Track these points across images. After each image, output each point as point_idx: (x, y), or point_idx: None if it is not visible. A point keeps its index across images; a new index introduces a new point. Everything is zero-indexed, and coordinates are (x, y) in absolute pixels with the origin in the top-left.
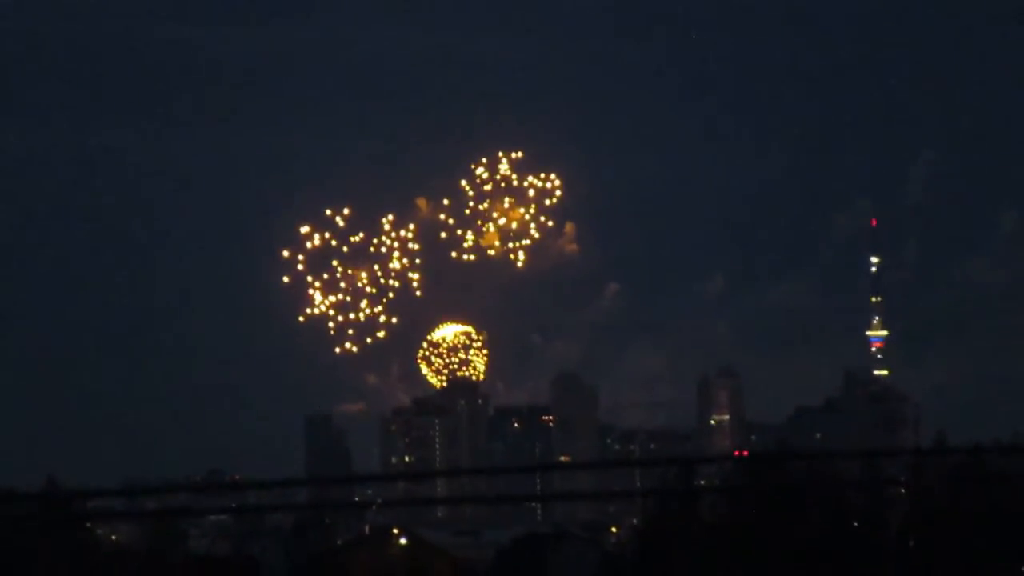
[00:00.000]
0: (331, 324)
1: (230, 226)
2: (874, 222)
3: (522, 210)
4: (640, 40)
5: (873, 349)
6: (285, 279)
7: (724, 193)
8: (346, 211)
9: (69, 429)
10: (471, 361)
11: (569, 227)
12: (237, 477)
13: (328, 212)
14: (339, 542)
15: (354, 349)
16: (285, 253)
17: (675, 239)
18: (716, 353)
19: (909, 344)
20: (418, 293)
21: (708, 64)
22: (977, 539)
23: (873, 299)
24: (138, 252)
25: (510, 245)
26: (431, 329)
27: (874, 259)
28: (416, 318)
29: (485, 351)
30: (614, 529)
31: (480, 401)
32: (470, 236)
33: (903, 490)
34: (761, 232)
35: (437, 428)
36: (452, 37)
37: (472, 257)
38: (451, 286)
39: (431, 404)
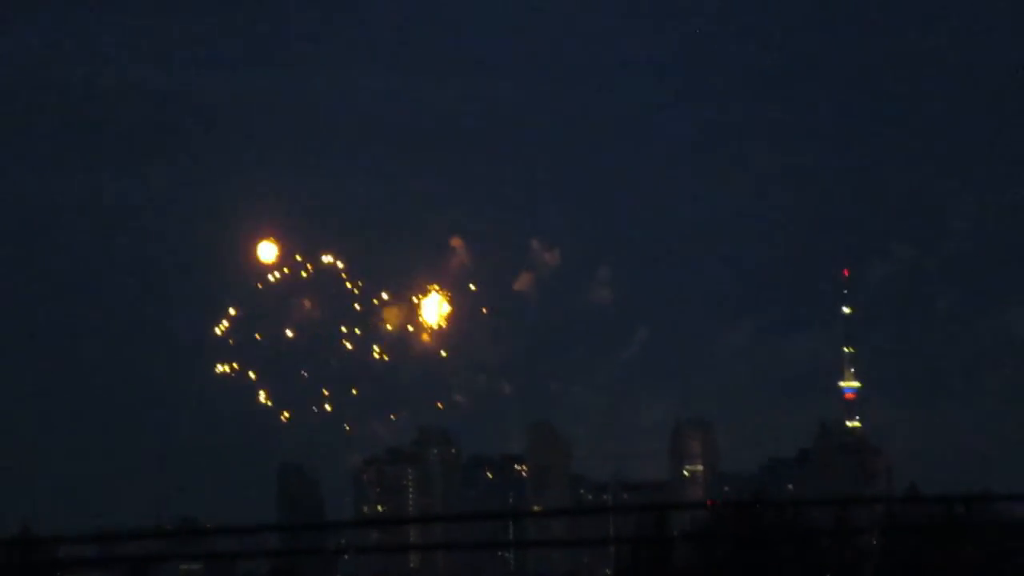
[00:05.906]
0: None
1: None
2: (846, 272)
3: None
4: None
5: (845, 400)
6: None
7: (744, 239)
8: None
9: (42, 477)
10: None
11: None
12: (209, 525)
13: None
14: None
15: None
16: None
17: (692, 283)
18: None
19: (885, 396)
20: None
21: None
22: None
23: (845, 349)
24: (106, 298)
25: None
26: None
27: (846, 309)
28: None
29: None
30: None
31: (453, 450)
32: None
33: (874, 541)
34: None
35: (410, 477)
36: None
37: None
38: (474, 332)
39: (404, 452)
